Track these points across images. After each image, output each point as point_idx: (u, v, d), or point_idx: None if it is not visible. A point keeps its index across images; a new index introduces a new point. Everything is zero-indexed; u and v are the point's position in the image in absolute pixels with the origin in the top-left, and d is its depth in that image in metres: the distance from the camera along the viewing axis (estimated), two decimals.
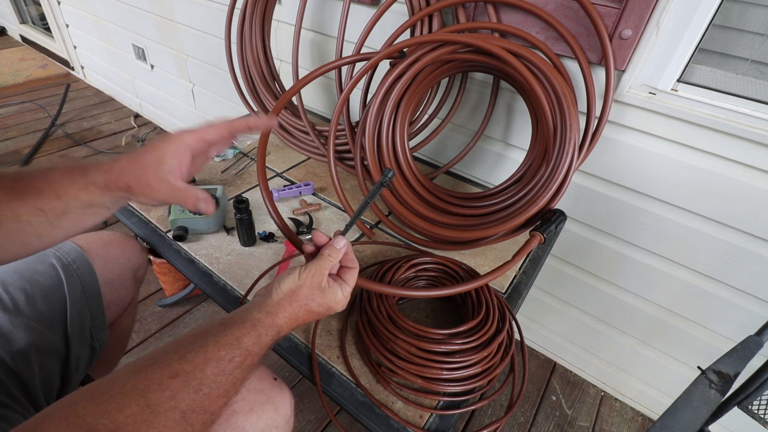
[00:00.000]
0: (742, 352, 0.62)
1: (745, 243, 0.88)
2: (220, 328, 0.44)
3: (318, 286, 0.50)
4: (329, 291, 0.51)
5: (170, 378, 0.37)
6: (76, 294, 0.69)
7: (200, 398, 0.38)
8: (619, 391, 1.29)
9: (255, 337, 0.45)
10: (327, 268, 0.51)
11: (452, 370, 0.61)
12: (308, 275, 0.50)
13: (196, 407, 0.38)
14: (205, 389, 0.39)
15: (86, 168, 0.45)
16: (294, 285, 0.50)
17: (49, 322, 0.65)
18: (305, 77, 0.79)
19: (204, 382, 0.39)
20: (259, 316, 0.47)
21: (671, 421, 0.55)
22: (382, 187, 0.55)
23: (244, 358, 0.43)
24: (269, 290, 0.51)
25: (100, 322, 0.72)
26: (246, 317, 0.46)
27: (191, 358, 0.39)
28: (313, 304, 0.50)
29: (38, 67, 2.94)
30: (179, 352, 0.40)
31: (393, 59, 0.87)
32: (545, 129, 0.79)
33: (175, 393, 0.37)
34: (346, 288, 0.53)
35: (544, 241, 0.70)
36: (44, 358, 0.62)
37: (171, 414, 0.36)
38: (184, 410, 0.37)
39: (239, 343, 0.43)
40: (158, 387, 0.36)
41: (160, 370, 0.38)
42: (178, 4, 1.68)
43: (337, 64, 0.85)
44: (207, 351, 0.41)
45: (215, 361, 0.40)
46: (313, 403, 1.18)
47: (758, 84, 0.77)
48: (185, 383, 0.38)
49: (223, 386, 0.40)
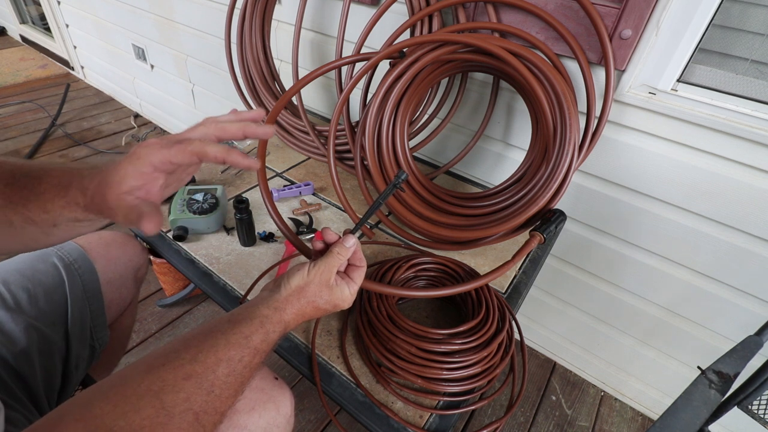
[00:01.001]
0: (742, 352, 0.62)
1: (745, 243, 0.88)
2: (229, 325, 0.44)
3: (327, 284, 0.51)
4: (337, 288, 0.52)
5: (184, 380, 0.38)
6: (78, 293, 0.69)
7: (212, 399, 0.39)
8: (619, 391, 1.29)
9: (263, 335, 0.45)
10: (336, 266, 0.52)
11: (452, 370, 0.61)
12: (317, 272, 0.51)
13: (208, 408, 0.38)
14: (217, 390, 0.39)
15: (70, 185, 0.42)
16: (303, 281, 0.50)
17: (51, 321, 0.65)
18: (304, 78, 0.79)
19: (216, 384, 0.39)
20: (267, 312, 0.47)
21: (671, 421, 0.55)
22: (395, 189, 0.55)
23: (252, 356, 0.43)
24: (277, 285, 0.51)
25: (100, 321, 0.73)
26: (254, 314, 0.46)
27: (203, 359, 0.40)
28: (321, 300, 0.51)
29: (38, 67, 2.94)
30: (190, 352, 0.40)
31: (393, 59, 0.87)
32: (545, 129, 0.79)
33: (189, 395, 0.37)
34: (354, 286, 0.53)
35: (544, 241, 0.70)
36: (46, 357, 0.62)
37: (185, 416, 0.36)
38: (197, 412, 0.37)
39: (248, 342, 0.43)
40: (172, 389, 0.37)
41: (173, 371, 0.38)
42: (178, 4, 1.68)
43: (337, 64, 0.85)
44: (218, 351, 0.41)
45: (226, 361, 0.41)
46: (313, 403, 1.18)
47: (758, 84, 0.77)
48: (198, 385, 0.38)
49: (233, 386, 0.41)
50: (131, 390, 0.36)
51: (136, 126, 2.39)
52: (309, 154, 1.19)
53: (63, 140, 2.22)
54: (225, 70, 1.46)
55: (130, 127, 2.38)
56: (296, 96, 1.18)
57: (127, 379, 0.37)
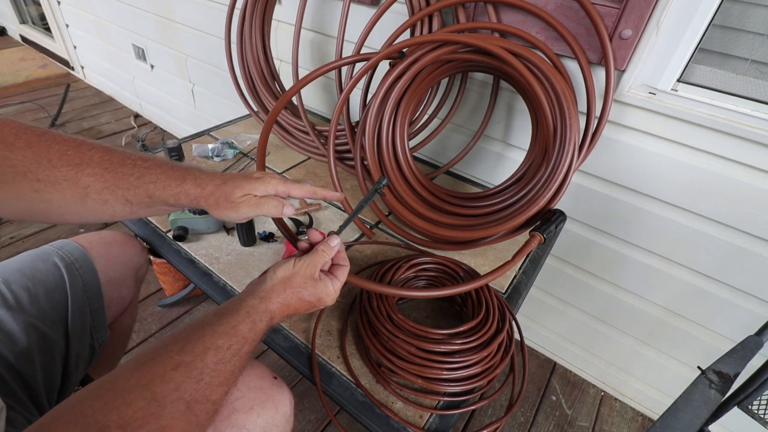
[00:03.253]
0: (742, 352, 0.62)
1: (745, 243, 0.88)
2: (216, 317, 0.45)
3: (311, 276, 0.53)
4: (321, 283, 0.53)
5: (172, 370, 0.38)
6: (78, 293, 0.69)
7: (202, 388, 0.39)
8: (619, 391, 1.29)
9: (250, 324, 0.46)
10: (320, 262, 0.54)
11: (452, 370, 0.61)
12: (303, 265, 0.53)
13: (199, 397, 0.39)
14: (207, 378, 0.40)
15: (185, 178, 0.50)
16: (288, 273, 0.52)
17: (51, 321, 0.65)
18: (304, 78, 0.79)
19: (205, 372, 0.40)
20: (252, 303, 0.48)
21: (671, 421, 0.55)
22: (375, 194, 0.58)
23: (241, 345, 0.44)
24: (263, 278, 0.53)
25: (100, 321, 0.73)
26: (240, 305, 0.48)
27: (190, 348, 0.40)
28: (306, 293, 0.52)
29: (38, 67, 2.93)
30: (178, 344, 0.41)
31: (393, 59, 0.87)
32: (545, 129, 0.79)
33: (179, 384, 0.38)
34: (337, 283, 0.55)
35: (544, 242, 0.70)
36: (46, 357, 0.62)
37: (176, 405, 0.37)
38: (188, 401, 0.38)
39: (236, 331, 0.44)
40: (162, 380, 0.37)
41: (162, 363, 0.39)
42: (178, 4, 1.68)
43: (337, 65, 0.85)
44: (205, 341, 0.42)
45: (214, 349, 0.42)
46: (313, 403, 1.18)
47: (758, 84, 0.77)
48: (187, 374, 0.39)
49: (222, 374, 0.42)
50: (121, 385, 0.36)
51: (136, 126, 2.39)
52: (309, 154, 1.19)
53: None
54: (225, 70, 1.46)
55: (130, 127, 2.38)
56: (296, 96, 1.18)
57: (117, 377, 0.37)
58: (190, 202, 0.51)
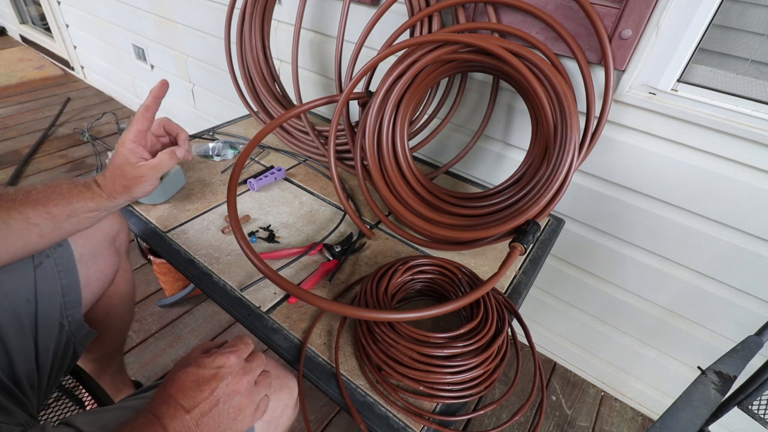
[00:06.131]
0: (742, 352, 0.62)
1: (745, 243, 0.88)
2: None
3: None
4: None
5: None
6: (49, 276, 0.65)
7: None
8: (619, 391, 1.29)
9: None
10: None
11: (453, 374, 0.60)
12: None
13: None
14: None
15: (89, 183, 0.59)
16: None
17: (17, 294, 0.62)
18: (276, 119, 0.80)
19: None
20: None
21: (671, 421, 0.55)
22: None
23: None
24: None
25: (73, 298, 0.68)
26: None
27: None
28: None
29: (34, 68, 2.93)
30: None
31: (361, 98, 0.94)
32: (545, 129, 0.79)
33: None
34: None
35: (524, 252, 0.73)
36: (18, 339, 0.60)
37: None
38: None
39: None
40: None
41: None
42: (178, 4, 1.68)
43: (303, 109, 0.86)
44: None
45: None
46: (314, 403, 1.18)
47: (758, 84, 0.77)
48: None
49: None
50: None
51: None
52: (309, 155, 1.19)
53: (63, 140, 2.22)
54: (225, 70, 1.46)
55: None
56: (296, 96, 1.18)
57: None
58: (107, 197, 0.59)
